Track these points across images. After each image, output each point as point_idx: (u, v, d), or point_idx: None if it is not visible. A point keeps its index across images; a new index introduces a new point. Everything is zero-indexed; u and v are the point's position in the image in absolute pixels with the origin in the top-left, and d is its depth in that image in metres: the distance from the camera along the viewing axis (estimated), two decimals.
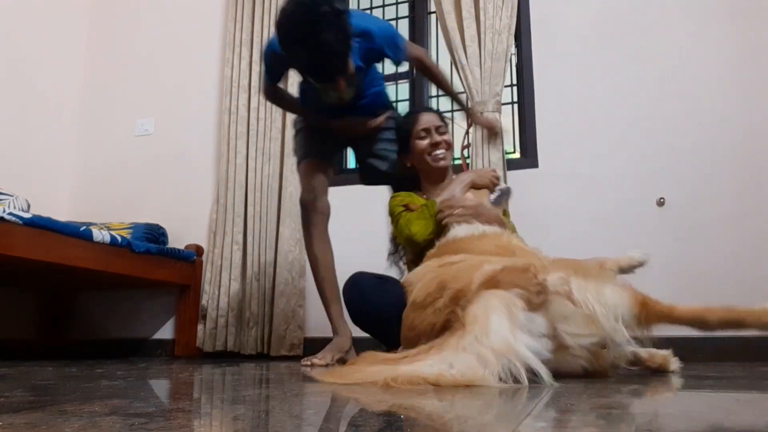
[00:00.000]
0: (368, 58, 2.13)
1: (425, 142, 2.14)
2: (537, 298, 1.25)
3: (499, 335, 1.15)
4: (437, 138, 2.14)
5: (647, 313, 1.29)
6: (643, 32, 2.84)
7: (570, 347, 1.26)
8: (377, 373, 1.16)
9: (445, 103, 3.15)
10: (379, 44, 2.08)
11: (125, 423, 0.67)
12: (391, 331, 1.73)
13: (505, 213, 2.15)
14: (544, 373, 1.14)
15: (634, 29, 2.85)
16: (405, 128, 2.21)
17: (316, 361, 2.05)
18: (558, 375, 1.27)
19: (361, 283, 1.94)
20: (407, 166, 2.24)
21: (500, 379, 1.10)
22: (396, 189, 2.26)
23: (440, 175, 2.16)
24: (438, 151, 2.13)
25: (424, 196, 2.12)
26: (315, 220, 2.24)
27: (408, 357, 1.24)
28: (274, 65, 2.15)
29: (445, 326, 1.31)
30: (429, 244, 1.86)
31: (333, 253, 2.28)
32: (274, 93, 2.33)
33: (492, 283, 1.30)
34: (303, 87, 2.29)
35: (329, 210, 2.30)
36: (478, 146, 2.81)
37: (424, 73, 2.45)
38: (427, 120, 2.17)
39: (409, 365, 1.17)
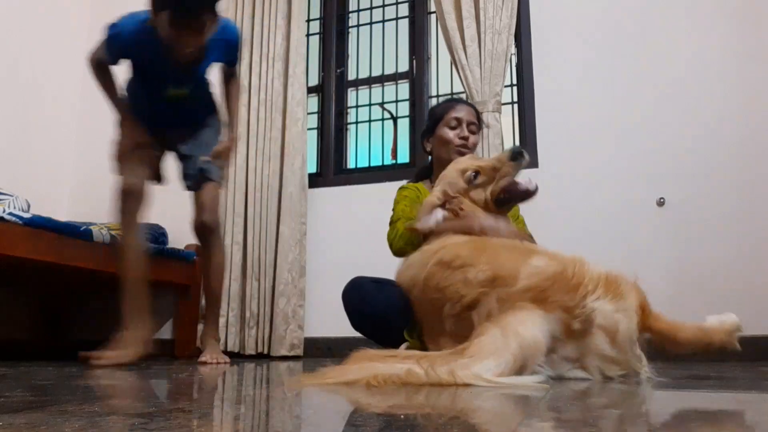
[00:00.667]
0: (225, 53, 2.26)
1: (454, 133, 2.02)
2: (578, 326, 1.19)
3: (474, 373, 1.10)
4: (466, 133, 2.02)
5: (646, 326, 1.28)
6: (642, 32, 2.84)
7: (592, 375, 1.24)
8: (355, 371, 1.15)
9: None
10: (234, 41, 2.26)
11: (125, 423, 0.67)
12: (390, 333, 1.73)
13: (518, 218, 2.04)
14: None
15: (634, 29, 2.86)
16: (437, 111, 2.09)
17: (110, 355, 2.00)
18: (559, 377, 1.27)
19: (361, 287, 1.93)
20: (425, 150, 2.17)
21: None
22: None
23: None
24: (461, 148, 2.01)
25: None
26: (133, 207, 2.17)
27: (397, 357, 1.22)
28: (115, 48, 2.16)
29: (473, 304, 1.29)
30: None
31: (141, 245, 2.20)
32: (105, 68, 2.27)
33: (539, 295, 1.23)
34: (137, 82, 2.33)
35: (145, 198, 2.23)
36: (477, 146, 2.81)
37: (227, 90, 2.46)
38: (463, 111, 2.05)
39: (390, 364, 1.17)
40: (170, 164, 2.51)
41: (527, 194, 1.69)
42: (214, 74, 2.42)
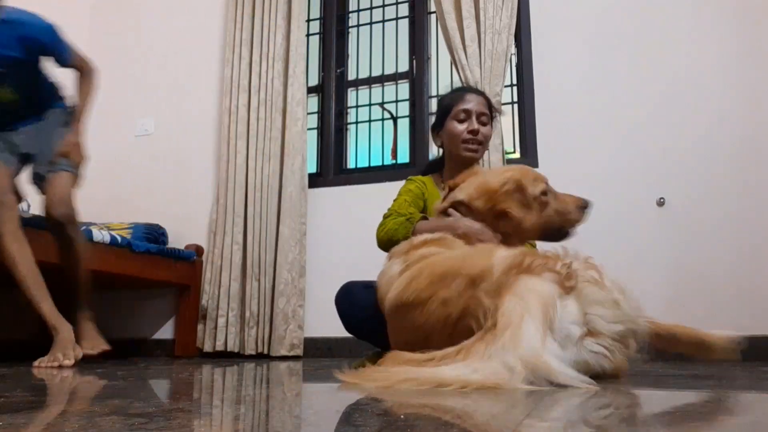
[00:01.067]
0: (28, 49, 2.17)
1: (462, 127, 1.91)
2: (569, 282, 1.21)
3: (530, 345, 1.08)
4: (476, 125, 1.91)
5: None
6: (642, 32, 2.84)
7: (601, 333, 1.21)
8: (398, 374, 1.14)
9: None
10: (35, 34, 2.17)
11: (125, 423, 0.67)
12: (384, 336, 1.72)
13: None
14: (576, 382, 1.08)
15: (634, 29, 2.86)
16: (445, 103, 1.99)
17: (46, 362, 2.00)
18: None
19: (352, 293, 1.92)
20: (437, 145, 2.08)
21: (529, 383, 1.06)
22: None
23: (466, 168, 1.89)
24: (470, 143, 1.92)
25: (442, 185, 1.94)
26: (5, 216, 2.11)
27: (434, 360, 1.19)
28: None
29: (464, 314, 1.25)
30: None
31: (30, 249, 2.14)
32: None
33: (521, 269, 1.23)
34: None
35: (17, 205, 2.21)
36: None
37: (80, 83, 2.42)
38: (472, 101, 1.94)
39: (434, 368, 1.14)
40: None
41: (567, 237, 1.80)
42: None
